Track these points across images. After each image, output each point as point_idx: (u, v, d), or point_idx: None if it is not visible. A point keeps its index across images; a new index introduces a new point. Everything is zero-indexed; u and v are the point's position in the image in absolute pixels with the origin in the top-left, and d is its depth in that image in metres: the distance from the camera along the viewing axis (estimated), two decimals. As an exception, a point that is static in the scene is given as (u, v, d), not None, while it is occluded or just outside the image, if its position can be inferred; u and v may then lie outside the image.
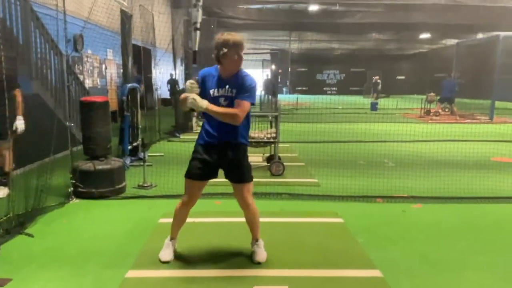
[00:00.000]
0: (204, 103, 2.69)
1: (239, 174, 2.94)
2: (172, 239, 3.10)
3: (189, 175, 2.92)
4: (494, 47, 14.37)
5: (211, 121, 2.86)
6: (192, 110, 2.74)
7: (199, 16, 2.96)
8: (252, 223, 3.07)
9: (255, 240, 3.11)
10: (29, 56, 6.25)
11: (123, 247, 3.30)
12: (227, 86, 2.81)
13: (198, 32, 3.03)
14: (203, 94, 2.82)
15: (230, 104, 2.78)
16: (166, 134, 9.44)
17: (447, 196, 4.70)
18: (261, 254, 3.04)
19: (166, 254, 3.04)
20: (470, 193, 4.76)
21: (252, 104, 2.82)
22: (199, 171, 2.89)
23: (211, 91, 2.83)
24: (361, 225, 3.83)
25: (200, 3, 2.92)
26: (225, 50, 2.72)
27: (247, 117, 2.90)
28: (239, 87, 2.78)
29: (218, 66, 2.85)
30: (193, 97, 2.68)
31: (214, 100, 2.79)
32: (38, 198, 3.99)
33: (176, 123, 10.30)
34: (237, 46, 2.74)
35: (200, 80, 2.87)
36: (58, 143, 4.45)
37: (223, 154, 2.88)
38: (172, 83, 16.80)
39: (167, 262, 3.00)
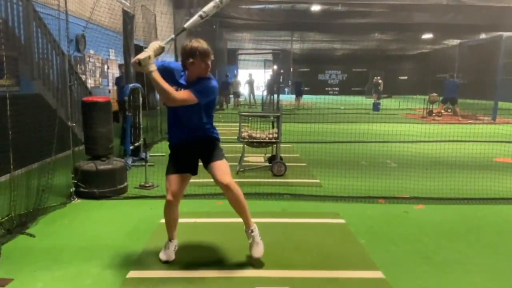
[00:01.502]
0: (152, 67, 2.59)
1: (209, 155, 2.96)
2: (170, 240, 3.09)
3: (167, 171, 2.99)
4: (497, 47, 14.35)
5: (175, 122, 2.95)
6: (138, 65, 2.56)
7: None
8: (238, 206, 2.93)
9: (248, 229, 3.00)
10: (31, 56, 6.26)
11: (125, 247, 3.30)
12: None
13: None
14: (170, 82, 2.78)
15: (190, 109, 2.80)
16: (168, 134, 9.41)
17: (449, 197, 4.68)
18: (258, 248, 2.96)
19: (166, 254, 3.04)
20: (473, 194, 4.74)
21: (200, 101, 2.76)
22: (175, 166, 2.95)
23: (174, 88, 2.81)
24: (363, 226, 3.82)
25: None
26: (191, 60, 2.73)
27: (209, 115, 2.95)
28: (194, 86, 2.78)
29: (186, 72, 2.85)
30: (149, 55, 2.57)
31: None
32: (39, 198, 4.00)
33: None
34: (203, 55, 2.74)
35: (169, 69, 2.83)
36: (60, 143, 4.45)
37: (192, 148, 2.95)
38: None
39: (166, 262, 3.00)
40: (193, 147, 2.95)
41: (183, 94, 2.74)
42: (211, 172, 2.94)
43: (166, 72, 2.80)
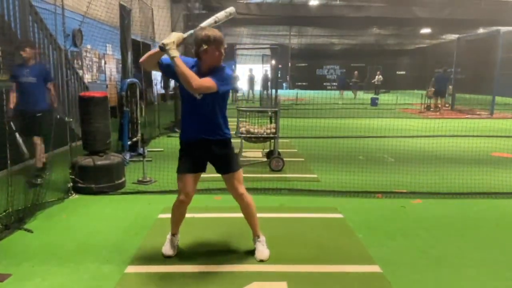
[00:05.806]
0: (175, 53, 2.57)
1: (225, 165, 2.94)
2: (173, 235, 3.10)
3: (180, 170, 2.91)
4: (495, 42, 14.34)
5: (189, 116, 2.86)
6: (162, 50, 2.55)
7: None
8: (248, 215, 3.04)
9: (256, 236, 3.09)
10: (27, 51, 6.20)
11: (123, 243, 3.30)
12: None
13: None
14: (179, 83, 2.75)
15: (206, 100, 2.73)
16: (166, 130, 9.42)
17: (446, 191, 4.69)
18: (263, 252, 3.02)
19: (168, 248, 3.04)
20: (470, 189, 4.75)
21: (219, 89, 2.69)
22: (188, 166, 2.89)
23: None
24: (360, 220, 3.83)
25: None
26: (205, 46, 2.68)
27: (223, 113, 2.91)
28: (214, 74, 2.72)
29: (198, 61, 2.78)
30: (173, 41, 2.56)
31: (189, 93, 2.73)
32: (37, 193, 3.99)
33: (175, 118, 10.27)
34: (217, 42, 2.69)
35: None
36: (57, 139, 4.44)
37: (206, 150, 2.89)
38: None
39: (169, 257, 3.01)
40: (207, 149, 2.88)
41: (205, 81, 2.65)
42: (227, 180, 2.96)
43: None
